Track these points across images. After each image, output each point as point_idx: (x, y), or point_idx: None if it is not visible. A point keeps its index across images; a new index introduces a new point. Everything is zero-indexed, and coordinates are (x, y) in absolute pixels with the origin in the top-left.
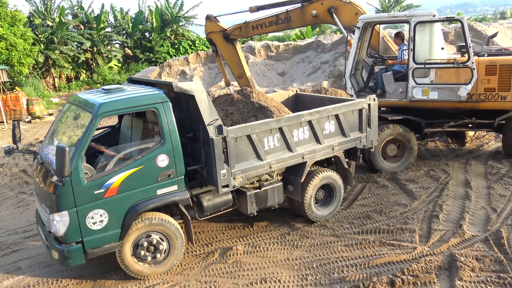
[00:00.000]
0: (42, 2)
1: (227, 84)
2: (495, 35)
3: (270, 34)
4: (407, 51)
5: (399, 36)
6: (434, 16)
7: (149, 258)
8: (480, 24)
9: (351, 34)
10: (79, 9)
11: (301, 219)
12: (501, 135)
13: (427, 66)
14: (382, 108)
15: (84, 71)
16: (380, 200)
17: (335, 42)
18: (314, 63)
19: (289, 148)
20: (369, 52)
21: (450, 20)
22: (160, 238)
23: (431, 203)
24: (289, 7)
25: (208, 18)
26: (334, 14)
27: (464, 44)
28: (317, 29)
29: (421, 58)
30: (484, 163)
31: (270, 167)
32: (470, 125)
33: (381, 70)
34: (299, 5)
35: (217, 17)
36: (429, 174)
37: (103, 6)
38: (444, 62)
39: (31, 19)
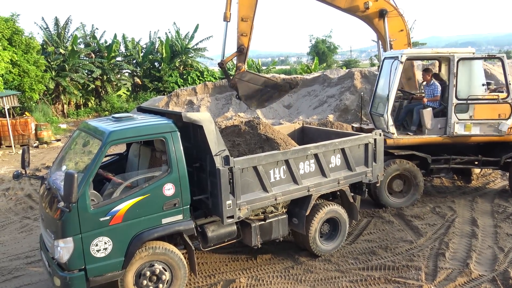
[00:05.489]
0: (56, 31)
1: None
2: None
3: (278, 67)
4: (438, 87)
5: (429, 72)
6: (473, 54)
7: None
8: (485, 63)
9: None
10: (91, 39)
11: (305, 253)
12: (507, 173)
13: (469, 102)
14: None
15: (93, 98)
16: (386, 236)
17: (341, 76)
18: (320, 97)
19: (295, 181)
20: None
21: (491, 58)
22: (163, 268)
23: (437, 241)
24: None
25: None
26: (385, 18)
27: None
28: (324, 64)
29: (461, 94)
30: (491, 201)
31: (276, 199)
32: (476, 163)
33: (417, 106)
34: None
35: None
36: (435, 211)
37: (115, 36)
38: (487, 98)
39: (44, 46)
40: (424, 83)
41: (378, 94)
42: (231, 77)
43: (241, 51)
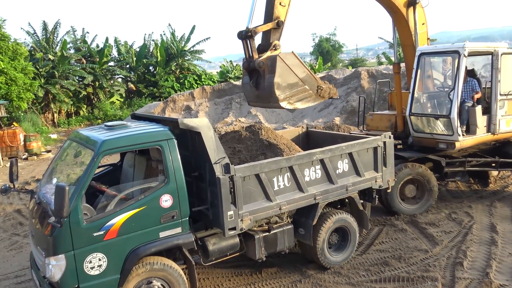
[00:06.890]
0: (44, 36)
1: None
2: None
3: None
4: (477, 83)
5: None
6: (507, 48)
7: None
8: None
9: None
10: (82, 43)
11: (313, 265)
12: None
13: (508, 97)
14: (399, 146)
15: (85, 106)
16: (399, 245)
17: (347, 77)
18: None
19: (300, 189)
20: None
21: None
22: (161, 284)
23: (454, 249)
24: None
25: None
26: (415, 8)
27: None
28: (328, 64)
29: (503, 89)
30: (510, 205)
31: (280, 209)
32: (493, 165)
33: (464, 104)
34: None
35: None
36: (451, 217)
37: (107, 39)
38: None
39: (32, 53)
40: None
41: (419, 93)
42: (257, 55)
43: (279, 25)
